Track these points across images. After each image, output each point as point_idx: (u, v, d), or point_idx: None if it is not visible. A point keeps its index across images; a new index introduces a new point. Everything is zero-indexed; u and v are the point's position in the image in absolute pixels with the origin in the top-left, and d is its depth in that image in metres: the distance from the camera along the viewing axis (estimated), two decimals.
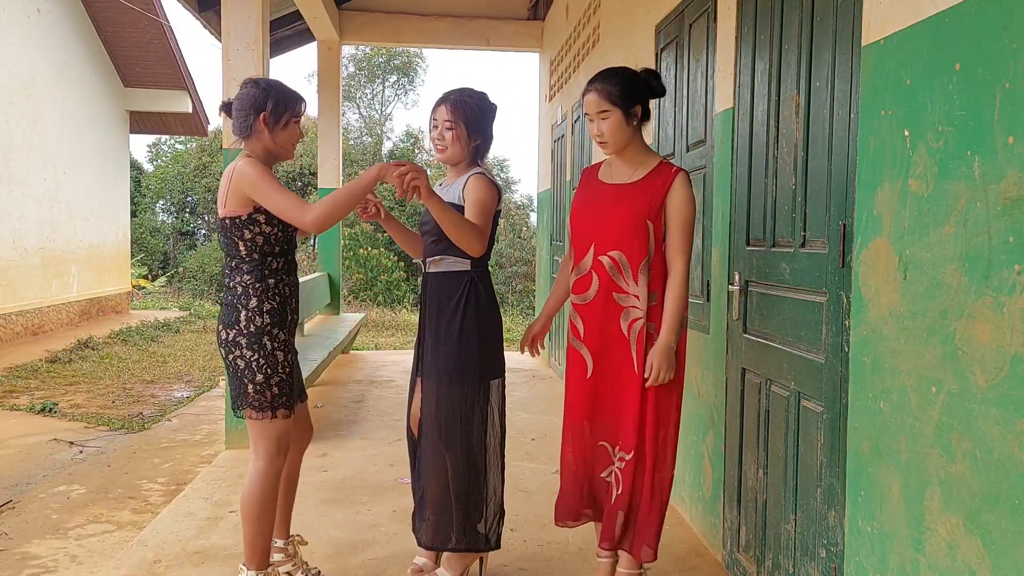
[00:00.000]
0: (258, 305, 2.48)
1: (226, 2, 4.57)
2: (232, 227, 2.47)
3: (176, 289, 18.29)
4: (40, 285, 9.90)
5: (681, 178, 2.50)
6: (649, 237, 2.49)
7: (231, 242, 2.49)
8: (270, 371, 2.48)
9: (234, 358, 2.49)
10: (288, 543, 2.79)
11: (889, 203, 1.86)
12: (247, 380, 2.48)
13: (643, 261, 2.49)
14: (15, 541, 3.40)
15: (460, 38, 8.55)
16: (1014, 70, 1.48)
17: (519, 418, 5.51)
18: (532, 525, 3.44)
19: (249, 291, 2.48)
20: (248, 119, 2.50)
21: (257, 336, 2.47)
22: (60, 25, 10.34)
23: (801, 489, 2.36)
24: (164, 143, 24.68)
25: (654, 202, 2.49)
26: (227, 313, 2.51)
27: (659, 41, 3.90)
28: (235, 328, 2.48)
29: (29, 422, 5.53)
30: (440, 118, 2.70)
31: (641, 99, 2.53)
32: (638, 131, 2.56)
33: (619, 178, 2.59)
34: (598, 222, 2.56)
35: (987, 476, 1.55)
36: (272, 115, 2.50)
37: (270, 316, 2.50)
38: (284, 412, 2.52)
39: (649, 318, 2.51)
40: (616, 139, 2.52)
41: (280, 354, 2.51)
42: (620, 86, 2.50)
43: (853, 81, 2.06)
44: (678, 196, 2.48)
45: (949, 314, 1.65)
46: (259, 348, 2.47)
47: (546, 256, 7.99)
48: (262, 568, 2.54)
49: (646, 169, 2.54)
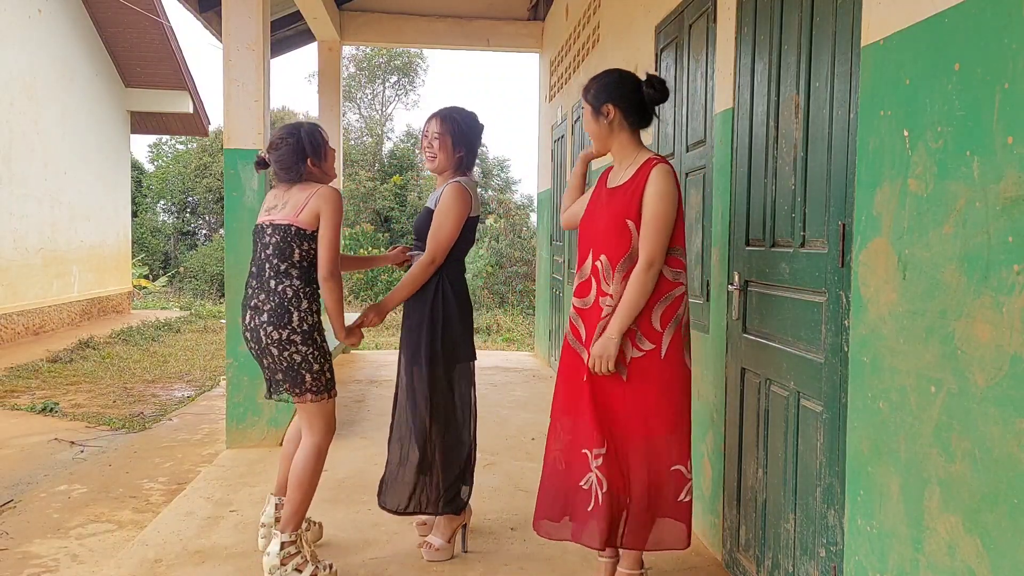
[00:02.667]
0: (308, 307, 2.79)
1: (227, 2, 4.57)
2: (296, 236, 2.77)
3: (177, 289, 18.29)
4: (41, 285, 9.90)
5: (657, 171, 2.47)
6: (631, 236, 2.49)
7: (287, 247, 2.77)
8: (324, 360, 2.82)
9: (290, 354, 2.76)
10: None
11: (888, 203, 1.86)
12: (304, 371, 2.78)
13: (621, 259, 2.50)
14: (16, 540, 3.41)
15: (460, 38, 8.55)
16: (1013, 70, 1.48)
17: (519, 418, 5.51)
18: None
19: (300, 294, 2.78)
20: (299, 167, 2.84)
21: (310, 333, 2.78)
22: (61, 25, 10.35)
23: (801, 488, 2.37)
24: (165, 143, 24.68)
25: (635, 200, 2.49)
26: (276, 315, 2.76)
27: (659, 41, 3.90)
28: (288, 327, 2.75)
29: (30, 422, 5.54)
30: (430, 130, 3.02)
31: (616, 100, 2.54)
32: (620, 131, 2.58)
33: (614, 182, 2.62)
34: (594, 228, 2.61)
35: (986, 476, 1.55)
36: (315, 156, 2.86)
37: (318, 315, 2.84)
38: (335, 392, 2.88)
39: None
40: (592, 136, 2.62)
41: (326, 345, 2.86)
42: (594, 85, 2.59)
43: (853, 81, 2.06)
44: (649, 191, 2.46)
45: (948, 314, 1.66)
46: (312, 343, 2.79)
47: (546, 256, 7.99)
48: (296, 530, 2.80)
49: (634, 169, 2.55)
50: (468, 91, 45.82)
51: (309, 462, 2.81)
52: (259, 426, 4.59)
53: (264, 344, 2.77)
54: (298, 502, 2.79)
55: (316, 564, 2.79)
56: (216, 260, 19.21)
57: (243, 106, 4.55)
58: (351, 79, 23.19)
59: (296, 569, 2.73)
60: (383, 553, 3.12)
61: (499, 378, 7.09)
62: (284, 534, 2.76)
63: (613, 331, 2.47)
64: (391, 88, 23.99)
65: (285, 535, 2.75)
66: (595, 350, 2.49)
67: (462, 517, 3.10)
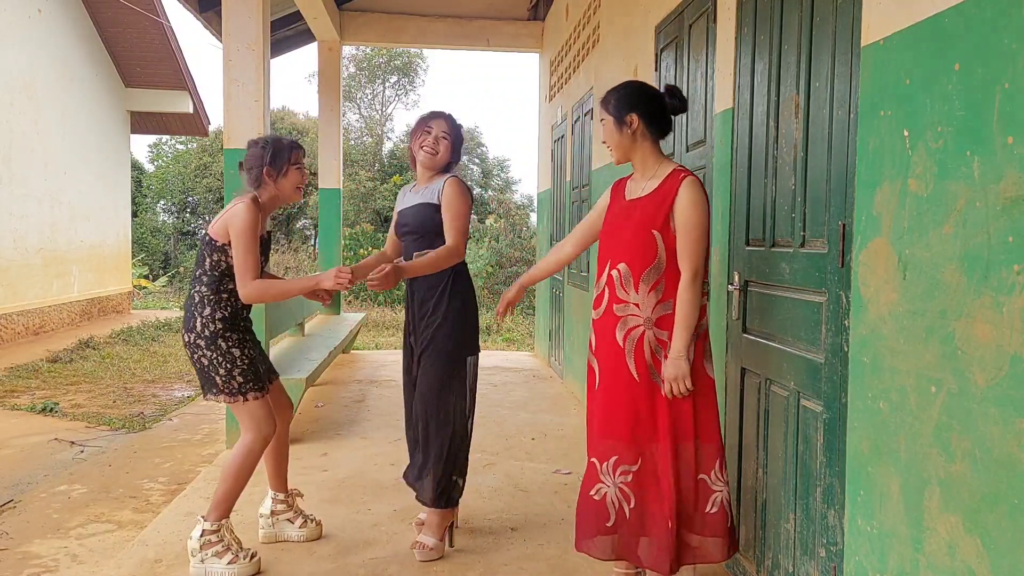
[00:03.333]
0: (211, 313, 2.86)
1: (227, 2, 4.57)
2: (208, 244, 2.87)
3: (177, 289, 18.28)
4: (41, 285, 9.90)
5: (687, 184, 2.46)
6: (657, 247, 2.48)
7: (202, 256, 2.90)
8: (230, 366, 2.86)
9: (197, 357, 2.87)
10: (288, 496, 3.19)
11: (888, 203, 1.86)
12: (213, 374, 2.86)
13: (647, 270, 2.48)
14: (16, 541, 3.41)
15: (460, 39, 8.55)
16: (1013, 70, 1.48)
17: (519, 418, 5.51)
18: (532, 525, 3.44)
19: (204, 301, 2.87)
20: (256, 174, 2.93)
21: (212, 339, 2.85)
22: (61, 25, 10.35)
23: (801, 488, 2.37)
24: (165, 143, 24.67)
25: (661, 212, 2.48)
26: (186, 318, 2.90)
27: (659, 41, 3.90)
28: (193, 332, 2.86)
29: (30, 422, 5.54)
30: (439, 128, 3.12)
31: (639, 110, 2.53)
32: (643, 141, 2.56)
33: (635, 193, 2.60)
34: (615, 240, 2.58)
35: (986, 476, 1.55)
36: (272, 167, 2.92)
37: (222, 323, 2.87)
38: (254, 394, 2.89)
39: (659, 325, 2.48)
40: (612, 145, 2.61)
41: (236, 351, 2.88)
42: (615, 96, 2.58)
43: (853, 81, 2.06)
44: (683, 202, 2.45)
45: (948, 314, 1.66)
46: (215, 348, 2.85)
47: None
48: (219, 520, 2.87)
49: (658, 180, 2.53)
50: (468, 91, 45.81)
51: (236, 458, 2.87)
52: None
53: (183, 345, 2.94)
54: (222, 493, 2.86)
55: (236, 553, 2.85)
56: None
57: (243, 106, 4.55)
58: (351, 79, 23.19)
59: (216, 555, 2.82)
60: (383, 553, 3.12)
61: (499, 378, 7.09)
62: (206, 522, 2.84)
63: (679, 350, 2.42)
64: (391, 88, 23.99)
65: (207, 523, 2.84)
66: (667, 373, 2.43)
67: (451, 514, 3.14)
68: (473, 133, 23.22)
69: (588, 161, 5.81)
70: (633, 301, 2.50)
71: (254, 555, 2.90)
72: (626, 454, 2.47)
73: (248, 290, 2.80)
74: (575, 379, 6.21)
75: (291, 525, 3.17)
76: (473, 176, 22.82)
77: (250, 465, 2.89)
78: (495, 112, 45.98)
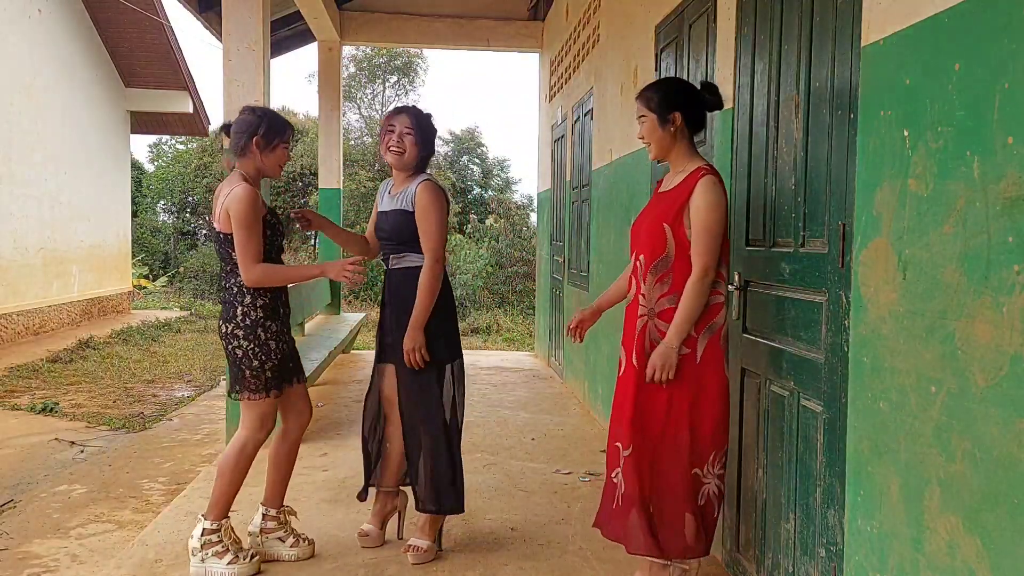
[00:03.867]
0: (252, 301, 2.83)
1: (227, 2, 4.57)
2: (224, 241, 2.83)
3: (177, 289, 18.27)
4: (41, 285, 9.90)
5: (704, 182, 2.48)
6: (666, 240, 2.52)
7: (224, 252, 2.86)
8: (264, 358, 2.84)
9: (233, 348, 2.84)
10: (280, 512, 3.05)
11: (888, 203, 1.86)
12: (244, 367, 2.83)
13: (656, 261, 2.53)
14: (16, 540, 3.41)
15: (460, 38, 8.55)
16: (1013, 70, 1.48)
17: (519, 418, 5.51)
18: (532, 525, 3.44)
19: (243, 290, 2.83)
20: (243, 141, 2.85)
21: (252, 328, 2.82)
22: (61, 25, 10.34)
23: (801, 489, 2.37)
24: (165, 143, 24.65)
25: (676, 205, 2.51)
26: (225, 309, 2.88)
27: (659, 41, 3.90)
28: (232, 322, 2.84)
29: (30, 422, 5.54)
30: (401, 124, 3.00)
31: (682, 108, 2.56)
32: (681, 139, 2.59)
33: (666, 186, 2.65)
34: (639, 231, 2.66)
35: (986, 476, 1.55)
36: (264, 139, 2.85)
37: (263, 311, 2.85)
38: (276, 392, 2.88)
39: (662, 317, 2.52)
40: (653, 142, 2.61)
41: (273, 343, 2.86)
42: (659, 93, 2.59)
43: (853, 81, 2.06)
44: (697, 202, 2.47)
45: (948, 314, 1.66)
46: (254, 338, 2.83)
47: (546, 256, 7.99)
48: (218, 519, 2.85)
49: (684, 175, 2.57)
50: (468, 91, 45.81)
51: (231, 456, 2.86)
52: None
53: (220, 338, 2.90)
54: (219, 491, 2.85)
55: (236, 553, 2.84)
56: (216, 260, 19.17)
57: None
58: (351, 79, 23.18)
59: (216, 555, 2.81)
60: (383, 553, 3.12)
61: (499, 378, 7.09)
62: (206, 521, 2.83)
63: (672, 341, 2.47)
64: (391, 88, 23.99)
65: (207, 522, 2.83)
66: (654, 359, 2.49)
67: (443, 517, 3.12)
68: (473, 133, 23.22)
69: (588, 161, 5.81)
70: (642, 292, 2.57)
71: (254, 555, 2.90)
72: (624, 439, 2.55)
73: (253, 274, 2.77)
74: (575, 379, 6.21)
75: (282, 544, 3.01)
76: (473, 176, 22.81)
77: (245, 462, 2.87)
78: (495, 112, 45.96)
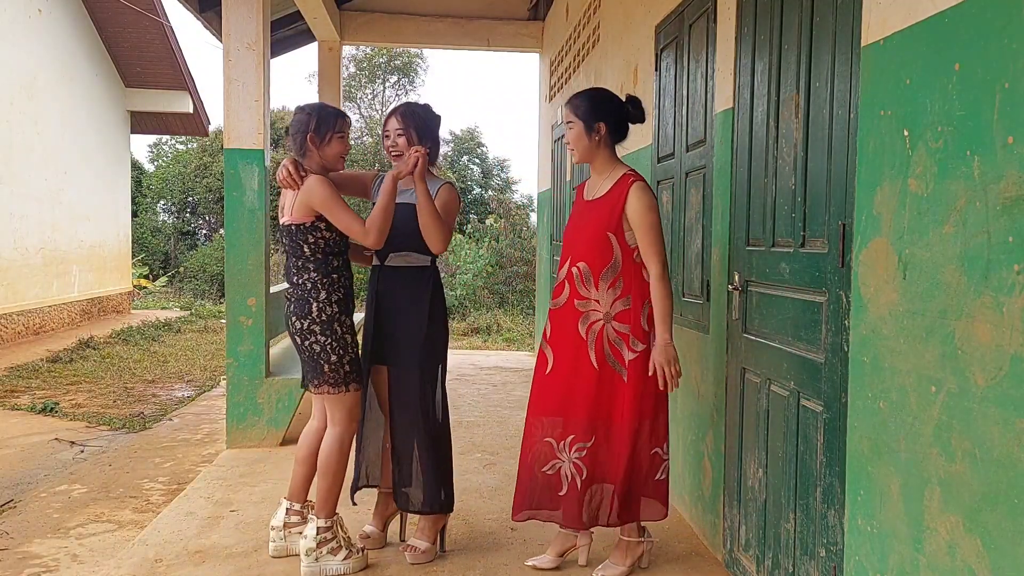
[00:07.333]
0: (327, 297, 2.88)
1: (227, 2, 4.57)
2: (297, 232, 2.86)
3: (177, 289, 18.27)
4: (41, 285, 9.90)
5: (635, 188, 2.71)
6: (612, 247, 2.73)
7: (296, 245, 2.88)
8: (342, 352, 2.89)
9: (310, 344, 2.87)
10: (304, 507, 3.09)
11: (888, 203, 1.86)
12: (323, 361, 2.87)
13: (604, 269, 2.73)
14: (16, 540, 3.41)
15: (460, 38, 8.54)
16: (1014, 70, 1.48)
17: (519, 418, 5.50)
18: (532, 525, 3.43)
19: (318, 286, 2.87)
20: (300, 140, 2.92)
21: (328, 323, 2.87)
22: (61, 25, 10.34)
23: (801, 488, 2.37)
24: (165, 143, 24.65)
25: (614, 214, 2.72)
26: (299, 306, 2.88)
27: (659, 41, 3.90)
28: (308, 318, 2.87)
29: (30, 422, 5.54)
30: (392, 128, 3.02)
31: (608, 118, 2.77)
32: (605, 146, 2.81)
33: (592, 193, 2.85)
34: (574, 238, 2.83)
35: (987, 476, 1.55)
36: (316, 134, 2.90)
37: (338, 306, 2.91)
38: (355, 386, 2.94)
39: (618, 319, 2.74)
40: (577, 148, 2.82)
41: (348, 337, 2.92)
42: (586, 103, 2.80)
43: (853, 81, 2.06)
44: (634, 204, 2.69)
45: (948, 314, 1.66)
46: (331, 333, 2.87)
47: (546, 256, 7.99)
48: (330, 516, 2.91)
49: (611, 182, 2.78)
50: (468, 91, 45.81)
51: (332, 452, 2.92)
52: (259, 426, 4.59)
53: (291, 333, 2.92)
54: (325, 489, 2.91)
55: (350, 549, 2.91)
56: (216, 260, 19.17)
57: (243, 106, 4.55)
58: (351, 79, 23.19)
59: (331, 552, 2.86)
60: (384, 553, 3.12)
61: (499, 378, 7.09)
62: (319, 519, 2.88)
63: (665, 337, 2.69)
64: (391, 88, 23.99)
65: (320, 520, 2.88)
66: (657, 360, 2.68)
67: (444, 517, 3.12)
68: (473, 133, 23.22)
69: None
70: (594, 298, 2.76)
71: (361, 549, 2.98)
72: (581, 433, 2.77)
73: (371, 236, 2.84)
74: None
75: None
76: (473, 176, 22.82)
77: (343, 457, 2.93)
78: (495, 112, 46.00)
